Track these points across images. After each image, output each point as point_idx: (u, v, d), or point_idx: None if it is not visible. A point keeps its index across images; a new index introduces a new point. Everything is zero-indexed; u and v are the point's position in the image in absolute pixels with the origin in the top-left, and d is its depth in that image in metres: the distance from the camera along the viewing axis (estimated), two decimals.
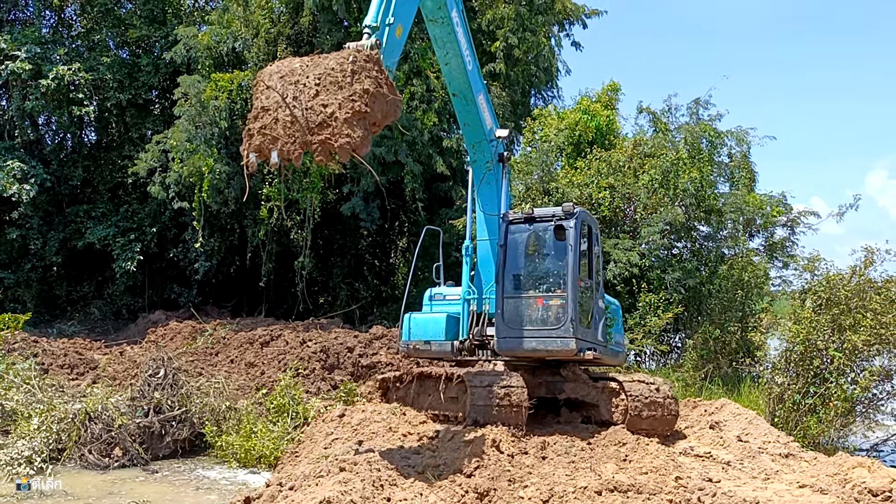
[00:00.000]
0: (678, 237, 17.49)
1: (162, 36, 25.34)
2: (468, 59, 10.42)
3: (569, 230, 10.24)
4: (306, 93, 7.43)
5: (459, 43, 10.21)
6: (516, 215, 10.79)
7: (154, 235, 24.19)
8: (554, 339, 10.07)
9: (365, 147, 7.29)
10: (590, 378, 10.80)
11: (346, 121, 7.26)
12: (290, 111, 7.41)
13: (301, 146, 7.31)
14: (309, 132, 7.29)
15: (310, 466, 8.78)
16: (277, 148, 7.37)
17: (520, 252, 10.78)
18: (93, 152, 26.93)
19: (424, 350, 11.07)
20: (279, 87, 7.58)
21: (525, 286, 10.62)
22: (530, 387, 10.06)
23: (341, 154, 7.19)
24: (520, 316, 10.38)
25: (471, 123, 11.10)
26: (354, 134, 7.22)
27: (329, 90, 7.38)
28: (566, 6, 23.89)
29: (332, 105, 7.31)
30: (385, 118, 7.65)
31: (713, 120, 17.96)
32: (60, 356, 15.84)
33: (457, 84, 10.71)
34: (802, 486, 8.00)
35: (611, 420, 10.38)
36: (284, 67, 7.76)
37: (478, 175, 11.27)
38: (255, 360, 15.32)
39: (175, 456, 10.88)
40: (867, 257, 12.71)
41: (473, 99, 10.76)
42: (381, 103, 7.48)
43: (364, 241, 27.06)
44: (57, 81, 22.83)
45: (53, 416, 10.50)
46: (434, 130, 21.37)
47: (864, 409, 12.66)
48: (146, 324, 21.87)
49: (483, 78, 11.32)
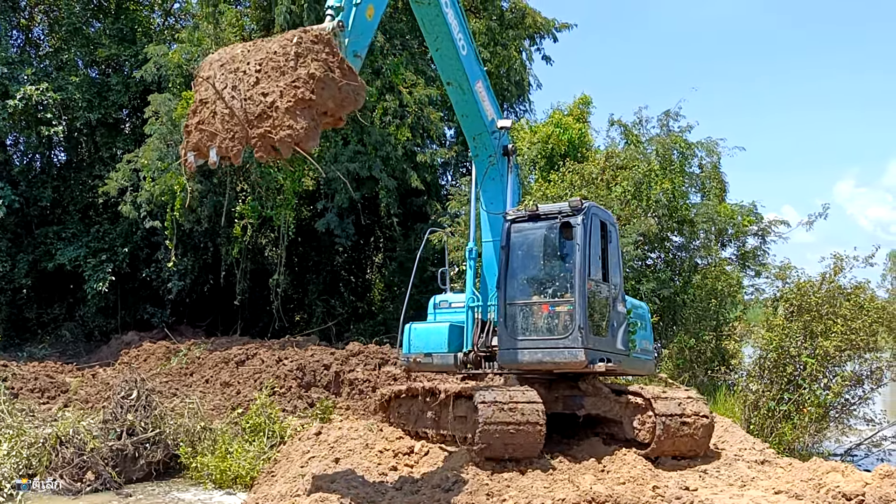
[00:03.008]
0: (652, 248, 17.62)
1: (132, 55, 25.12)
2: (461, 43, 9.59)
3: (576, 227, 9.25)
4: (246, 81, 6.64)
5: (449, 25, 9.38)
6: (519, 213, 9.83)
7: (126, 255, 23.89)
8: (561, 349, 9.08)
9: (310, 139, 6.52)
10: (612, 392, 9.66)
11: (287, 110, 6.43)
12: (227, 103, 6.61)
13: (240, 141, 6.56)
14: (248, 125, 6.49)
15: (286, 486, 8.71)
16: (216, 145, 6.68)
17: (523, 253, 9.80)
18: (62, 172, 26.58)
19: (426, 364, 10.18)
20: (219, 77, 6.81)
21: (529, 291, 9.65)
22: (546, 402, 8.97)
23: (282, 148, 6.43)
24: (524, 324, 9.44)
25: (469, 114, 10.28)
26: (297, 125, 6.41)
27: (270, 77, 6.57)
28: (536, 20, 24.13)
29: (273, 93, 6.49)
30: (341, 107, 6.82)
31: (683, 131, 18.18)
32: (31, 380, 15.55)
33: (450, 72, 9.87)
34: (778, 492, 8.07)
35: (637, 439, 9.28)
36: (226, 55, 6.99)
37: (480, 170, 10.41)
38: (231, 380, 15.16)
39: (149, 479, 10.70)
40: (836, 265, 12.93)
41: (470, 87, 9.94)
42: (332, 89, 6.63)
43: (339, 258, 26.96)
44: (25, 101, 22.53)
45: (23, 441, 10.28)
46: (408, 145, 21.40)
47: (837, 414, 12.83)
48: (119, 345, 21.55)
49: (482, 64, 10.49)
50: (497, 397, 8.43)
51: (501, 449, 8.38)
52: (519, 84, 24.29)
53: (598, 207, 10.00)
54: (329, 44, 6.77)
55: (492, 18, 22.36)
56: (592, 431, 9.84)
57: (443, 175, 25.61)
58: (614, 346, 9.58)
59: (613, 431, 9.63)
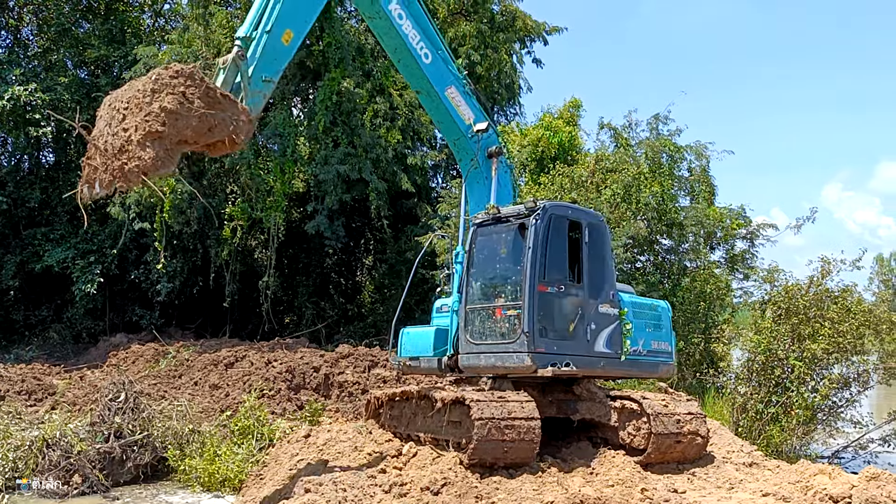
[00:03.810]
0: (641, 251, 17.67)
1: (121, 56, 25.02)
2: (423, 51, 9.70)
3: (529, 228, 9.12)
4: (117, 118, 7.37)
5: (405, 36, 9.51)
6: (485, 216, 9.76)
7: (114, 257, 23.76)
8: (510, 353, 8.96)
9: (158, 167, 7.10)
10: (607, 396, 9.58)
11: (138, 142, 7.09)
12: (104, 139, 7.38)
13: (110, 174, 7.20)
14: (113, 158, 7.18)
15: (275, 489, 8.69)
16: (97, 178, 7.33)
17: (484, 257, 9.78)
18: (51, 173, 26.43)
19: (415, 367, 10.19)
20: (104, 116, 7.58)
21: (487, 295, 9.58)
22: (540, 406, 8.89)
23: (131, 177, 7.06)
24: (481, 328, 9.42)
25: (443, 120, 10.35)
26: (145, 155, 7.03)
27: (133, 113, 7.26)
28: (527, 24, 24.19)
29: (131, 128, 7.17)
30: (207, 134, 7.39)
31: (673, 135, 18.23)
32: (18, 382, 15.46)
33: (416, 81, 9.98)
34: (766, 494, 8.11)
35: (631, 445, 9.18)
36: (114, 94, 7.75)
37: (465, 173, 10.44)
38: (220, 382, 15.10)
39: (137, 482, 10.63)
40: (824, 268, 13.01)
41: (438, 94, 9.99)
42: (188, 119, 7.18)
43: (329, 260, 26.92)
44: (13, 102, 22.42)
45: (10, 444, 10.22)
46: (398, 148, 21.41)
47: (824, 416, 12.92)
48: (107, 347, 21.44)
49: (455, 67, 10.41)
50: (494, 413, 8.32)
51: (494, 460, 8.37)
52: (509, 87, 24.36)
53: (565, 206, 9.89)
54: (190, 77, 7.31)
55: (482, 21, 22.40)
56: (585, 435, 9.79)
57: (433, 177, 25.65)
58: (589, 350, 9.36)
59: (607, 436, 9.57)
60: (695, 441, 9.22)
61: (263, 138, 21.53)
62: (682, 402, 9.74)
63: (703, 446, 9.45)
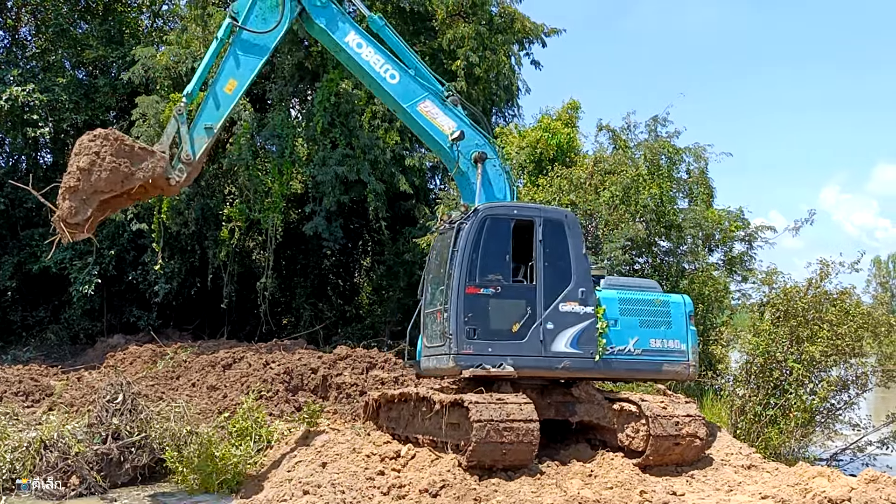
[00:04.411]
0: (639, 253, 17.66)
1: (119, 56, 24.96)
2: (386, 74, 10.21)
3: (460, 232, 9.21)
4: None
5: (365, 64, 10.16)
6: (440, 223, 10.07)
7: (112, 258, 23.70)
8: (441, 356, 9.11)
9: (76, 216, 8.88)
10: (605, 398, 9.59)
11: (61, 195, 9.08)
12: None
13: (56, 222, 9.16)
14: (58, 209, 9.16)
15: (273, 490, 8.68)
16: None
17: (436, 262, 9.98)
18: (48, 174, 26.33)
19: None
20: None
21: (435, 299, 9.80)
22: (539, 408, 8.89)
23: (56, 225, 9.15)
24: (430, 331, 9.69)
25: (421, 134, 10.65)
26: (63, 206, 8.98)
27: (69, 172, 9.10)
28: (525, 25, 24.16)
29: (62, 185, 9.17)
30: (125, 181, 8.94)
31: (671, 137, 18.23)
32: (15, 383, 15.40)
33: (386, 101, 10.59)
34: (765, 496, 8.10)
35: (629, 447, 9.19)
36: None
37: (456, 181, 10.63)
38: (217, 384, 15.07)
39: (134, 483, 10.62)
40: (822, 270, 13.01)
41: (408, 112, 10.37)
42: (100, 172, 8.80)
43: (327, 261, 26.89)
44: (10, 103, 22.36)
45: (7, 445, 10.21)
46: (396, 149, 21.39)
47: (823, 419, 12.91)
48: (105, 348, 21.38)
49: (434, 80, 10.68)
50: (493, 415, 8.30)
51: (493, 462, 8.37)
52: (508, 89, 24.30)
53: (507, 206, 9.86)
54: (105, 137, 8.95)
55: (481, 23, 22.35)
56: (584, 437, 9.79)
57: (431, 179, 25.61)
58: (542, 350, 9.17)
59: (606, 438, 9.57)
60: (693, 443, 9.22)
61: (262, 139, 21.52)
62: (681, 404, 9.68)
63: (702, 448, 9.46)
